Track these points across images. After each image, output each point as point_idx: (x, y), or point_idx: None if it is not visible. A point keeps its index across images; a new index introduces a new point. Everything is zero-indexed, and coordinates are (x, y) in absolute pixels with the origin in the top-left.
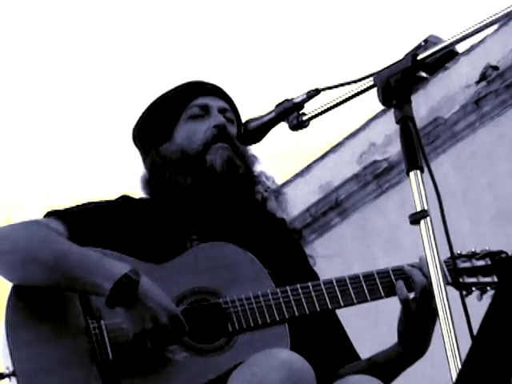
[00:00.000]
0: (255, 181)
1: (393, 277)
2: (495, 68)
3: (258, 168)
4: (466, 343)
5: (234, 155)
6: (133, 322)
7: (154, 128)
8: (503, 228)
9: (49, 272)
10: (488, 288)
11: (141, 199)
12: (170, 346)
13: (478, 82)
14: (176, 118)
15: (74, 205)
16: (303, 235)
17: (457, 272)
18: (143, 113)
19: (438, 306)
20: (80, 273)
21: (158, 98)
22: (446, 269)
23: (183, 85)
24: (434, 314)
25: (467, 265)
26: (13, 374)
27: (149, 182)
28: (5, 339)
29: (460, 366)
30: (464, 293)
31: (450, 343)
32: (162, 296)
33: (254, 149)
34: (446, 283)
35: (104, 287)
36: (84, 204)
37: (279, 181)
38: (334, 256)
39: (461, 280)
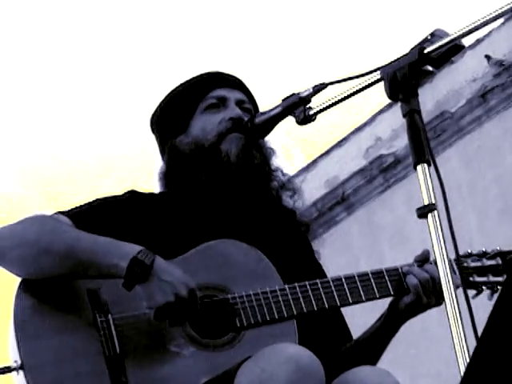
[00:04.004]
0: (271, 175)
1: (402, 274)
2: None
3: (275, 162)
4: (474, 337)
5: (250, 145)
6: (154, 296)
7: (171, 120)
8: (510, 222)
9: (62, 261)
10: (498, 287)
11: (149, 194)
12: (184, 322)
13: (500, 64)
14: (192, 109)
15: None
16: (311, 228)
17: (463, 270)
18: (160, 103)
19: (446, 301)
20: (94, 257)
21: (175, 89)
22: (456, 268)
23: (200, 76)
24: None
25: (478, 264)
26: (20, 367)
27: (166, 177)
28: (13, 332)
29: (468, 361)
30: (474, 292)
31: (458, 338)
32: (178, 271)
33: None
34: (457, 286)
35: (120, 266)
36: (91, 201)
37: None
38: (341, 251)
39: (471, 279)
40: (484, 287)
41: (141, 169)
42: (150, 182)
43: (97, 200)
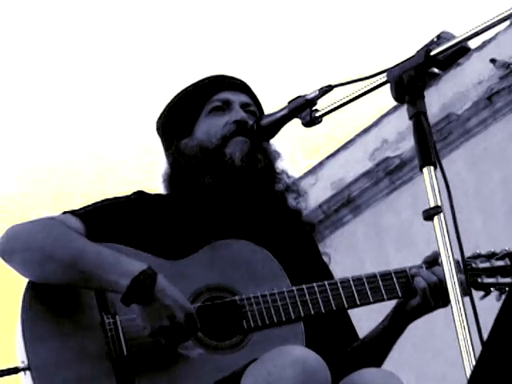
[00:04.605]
0: (276, 177)
1: (410, 276)
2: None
3: (280, 165)
4: (479, 340)
5: (255, 149)
6: (149, 319)
7: (176, 123)
8: None
9: (65, 270)
10: (507, 289)
11: (156, 195)
12: (183, 343)
13: (507, 66)
14: (197, 112)
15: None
16: (317, 230)
17: (472, 271)
18: (166, 106)
19: (452, 303)
20: (96, 271)
21: (181, 92)
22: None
23: (205, 79)
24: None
25: (486, 265)
26: (27, 367)
27: (170, 179)
28: (20, 333)
29: (474, 364)
30: (483, 293)
31: (463, 340)
32: (178, 294)
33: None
34: (464, 294)
35: (121, 284)
36: (99, 201)
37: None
38: (346, 253)
39: (479, 280)
40: (492, 289)
41: (145, 170)
42: (154, 183)
43: (105, 200)
